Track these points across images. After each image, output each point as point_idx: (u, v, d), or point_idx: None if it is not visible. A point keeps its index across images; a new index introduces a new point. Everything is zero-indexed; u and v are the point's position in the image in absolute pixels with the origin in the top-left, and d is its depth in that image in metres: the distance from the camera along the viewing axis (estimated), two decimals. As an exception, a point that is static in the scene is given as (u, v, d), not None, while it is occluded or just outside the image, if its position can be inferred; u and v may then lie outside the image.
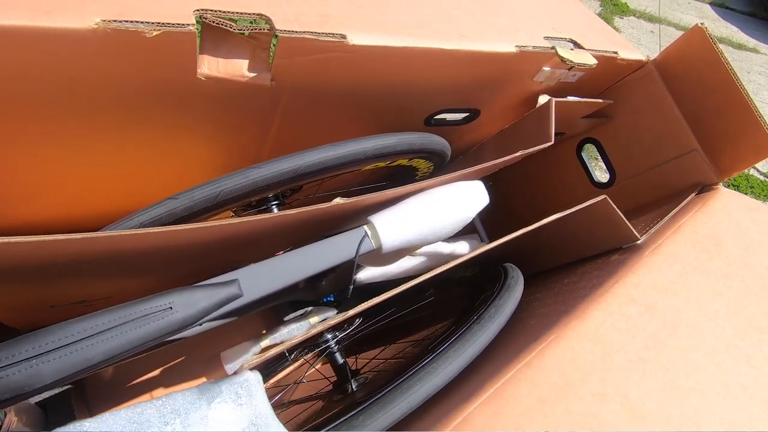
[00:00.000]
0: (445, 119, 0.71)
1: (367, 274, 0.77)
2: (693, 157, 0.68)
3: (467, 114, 0.72)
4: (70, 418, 0.74)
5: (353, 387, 0.67)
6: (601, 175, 0.84)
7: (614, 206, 0.55)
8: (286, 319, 0.78)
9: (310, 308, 0.78)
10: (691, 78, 0.64)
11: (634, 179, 0.77)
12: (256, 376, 0.38)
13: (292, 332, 0.68)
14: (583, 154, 0.84)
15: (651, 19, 3.28)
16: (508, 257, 0.65)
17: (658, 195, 0.73)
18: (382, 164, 0.55)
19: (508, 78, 0.63)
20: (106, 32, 0.35)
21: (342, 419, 0.38)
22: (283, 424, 0.37)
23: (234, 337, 0.85)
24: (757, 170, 1.94)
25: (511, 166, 0.69)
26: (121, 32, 0.35)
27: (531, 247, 0.67)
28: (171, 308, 0.37)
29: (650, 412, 0.36)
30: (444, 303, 0.74)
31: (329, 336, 0.69)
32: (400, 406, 0.38)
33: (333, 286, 0.78)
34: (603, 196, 0.56)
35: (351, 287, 0.49)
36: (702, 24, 0.59)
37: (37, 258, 0.33)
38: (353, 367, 0.72)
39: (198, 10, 0.39)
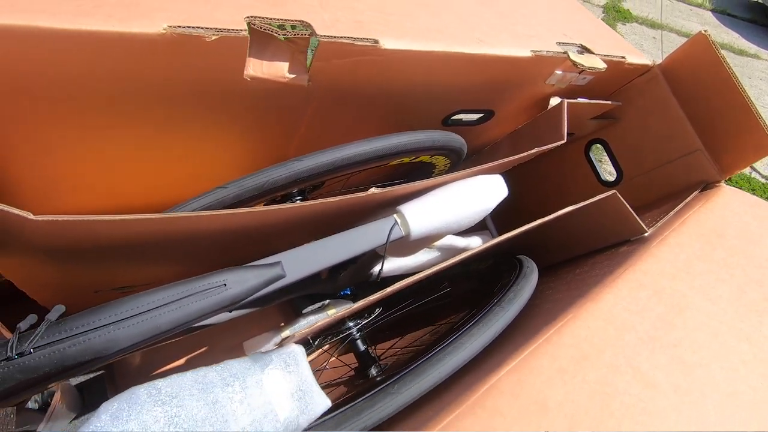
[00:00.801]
0: (461, 119, 0.75)
1: (384, 267, 0.81)
2: (697, 156, 0.72)
3: (482, 115, 0.76)
4: (103, 401, 0.78)
5: (375, 372, 0.70)
6: (608, 174, 0.87)
7: (623, 200, 0.59)
8: (304, 311, 0.82)
9: (328, 301, 0.82)
10: (695, 81, 0.68)
11: (640, 178, 0.81)
12: (300, 349, 0.42)
13: (311, 324, 0.72)
14: (591, 155, 0.88)
15: (653, 25, 3.33)
16: (522, 251, 0.68)
17: (663, 193, 0.77)
18: (406, 159, 0.59)
19: (523, 81, 0.67)
20: (173, 37, 0.39)
21: (379, 387, 0.41)
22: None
23: (253, 330, 0.89)
24: (759, 173, 1.98)
25: (522, 166, 0.73)
26: (185, 37, 0.39)
27: (543, 240, 0.71)
28: (225, 285, 0.40)
29: (660, 382, 0.40)
30: (460, 294, 0.77)
31: (351, 324, 0.73)
32: (432, 375, 0.41)
33: (350, 280, 0.82)
34: (613, 191, 0.59)
35: (380, 270, 0.52)
36: (705, 31, 0.63)
37: (111, 237, 0.37)
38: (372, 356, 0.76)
39: (248, 17, 0.44)
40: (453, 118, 0.74)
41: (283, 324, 0.89)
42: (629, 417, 0.37)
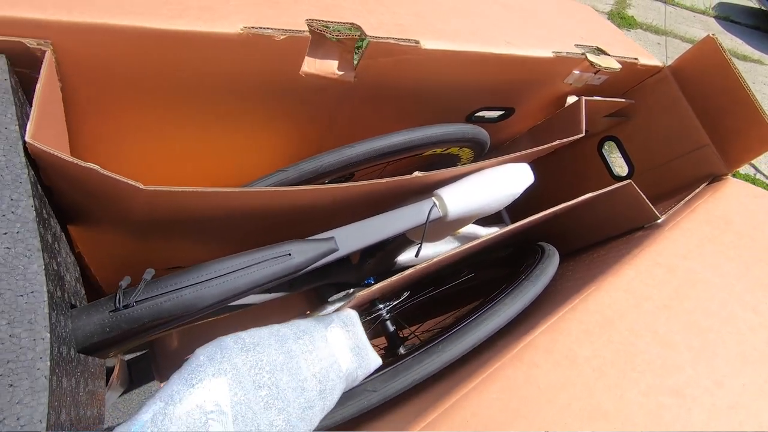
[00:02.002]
0: (483, 116, 0.81)
1: (407, 257, 0.86)
2: (705, 151, 0.77)
3: (503, 112, 0.82)
4: (149, 377, 0.83)
5: (403, 351, 0.75)
6: (620, 169, 0.93)
7: (638, 189, 0.64)
8: (330, 299, 0.87)
9: (352, 290, 0.87)
10: (703, 81, 0.73)
11: (651, 172, 0.86)
12: (355, 313, 0.47)
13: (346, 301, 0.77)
14: (603, 151, 0.93)
15: (657, 31, 3.39)
16: (541, 239, 0.73)
17: (673, 186, 0.82)
18: (439, 150, 0.65)
19: (543, 79, 0.73)
20: (248, 36, 0.45)
21: (425, 348, 0.46)
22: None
23: (280, 317, 0.94)
24: (763, 174, 2.02)
25: (538, 163, 0.78)
26: (258, 36, 0.45)
27: (561, 229, 0.76)
28: (290, 255, 0.46)
29: (676, 342, 0.45)
30: (484, 281, 0.82)
31: (381, 306, 0.78)
32: (472, 337, 0.46)
33: (374, 269, 0.87)
34: (628, 181, 0.65)
35: (421, 245, 0.57)
36: (713, 35, 0.69)
37: (198, 209, 0.43)
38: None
39: (308, 20, 0.49)
40: (476, 115, 0.79)
41: (308, 312, 0.94)
42: (650, 370, 0.42)
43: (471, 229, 0.86)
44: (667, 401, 0.40)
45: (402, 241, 0.72)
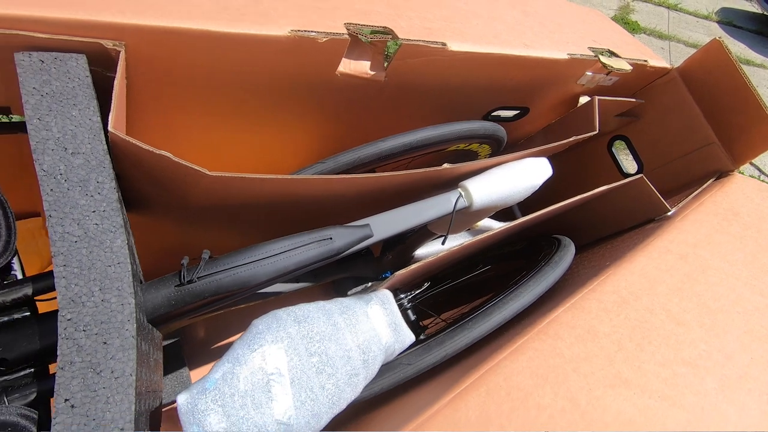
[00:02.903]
0: (499, 116, 0.85)
1: (424, 251, 0.90)
2: (712, 148, 0.81)
3: (518, 112, 0.86)
4: (181, 364, 0.87)
5: (423, 338, 0.79)
6: (630, 167, 0.96)
7: (649, 183, 0.68)
8: (349, 292, 0.91)
9: (370, 283, 0.91)
10: (710, 82, 0.77)
11: (660, 169, 0.90)
12: (390, 293, 0.51)
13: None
14: (613, 149, 0.97)
15: (661, 36, 3.43)
16: (555, 233, 0.77)
17: (682, 181, 0.85)
18: (462, 145, 0.69)
19: (558, 80, 0.77)
20: (294, 38, 0.49)
21: (457, 325, 0.50)
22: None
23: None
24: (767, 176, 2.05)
25: (551, 161, 0.82)
26: (304, 39, 0.49)
27: (575, 222, 0.80)
28: (331, 239, 0.50)
29: (688, 320, 0.49)
30: (500, 273, 0.86)
31: (402, 295, 0.82)
32: (498, 316, 0.50)
33: (392, 263, 0.91)
34: (640, 175, 0.69)
35: (447, 234, 0.61)
36: (720, 38, 0.73)
37: (251, 195, 0.47)
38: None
39: (346, 24, 0.54)
40: (493, 114, 0.83)
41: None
42: (665, 344, 0.46)
43: (486, 222, 0.90)
44: (682, 370, 0.43)
45: (421, 234, 0.76)
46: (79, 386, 0.31)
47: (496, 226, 0.91)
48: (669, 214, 0.70)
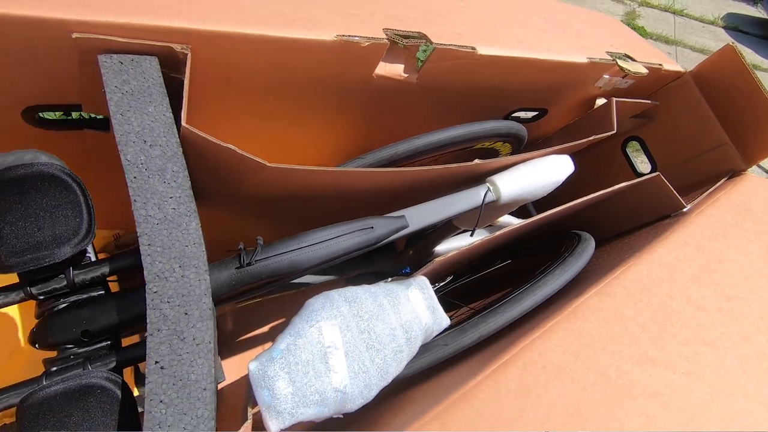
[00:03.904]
0: (519, 117, 0.89)
1: (444, 247, 0.93)
2: (724, 149, 0.84)
3: (537, 113, 0.90)
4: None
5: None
6: (643, 167, 1.00)
7: (665, 180, 0.71)
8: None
9: (390, 279, 0.94)
10: (723, 85, 0.80)
11: (673, 169, 0.93)
12: (426, 278, 0.55)
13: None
14: (627, 150, 1.01)
15: (668, 41, 3.47)
16: (572, 229, 0.81)
17: (694, 181, 0.89)
18: (487, 144, 0.72)
19: (577, 83, 0.80)
20: (340, 43, 0.53)
21: (490, 309, 0.54)
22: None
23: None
24: (775, 180, 2.08)
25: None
26: (348, 43, 0.53)
27: (592, 219, 0.83)
28: (372, 228, 0.53)
29: (707, 306, 0.52)
30: (518, 270, 0.89)
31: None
32: (528, 301, 0.54)
33: (412, 258, 0.95)
34: (657, 173, 0.72)
35: (476, 227, 0.64)
36: (733, 43, 0.76)
37: (302, 186, 0.51)
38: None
39: (384, 29, 0.58)
40: (513, 115, 0.87)
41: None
42: (687, 327, 0.49)
43: (506, 219, 0.93)
44: (703, 350, 0.46)
45: (443, 230, 0.80)
46: (166, 350, 0.35)
47: (515, 222, 0.95)
48: (684, 210, 0.73)
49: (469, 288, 0.92)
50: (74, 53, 0.44)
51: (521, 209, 0.80)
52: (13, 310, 0.81)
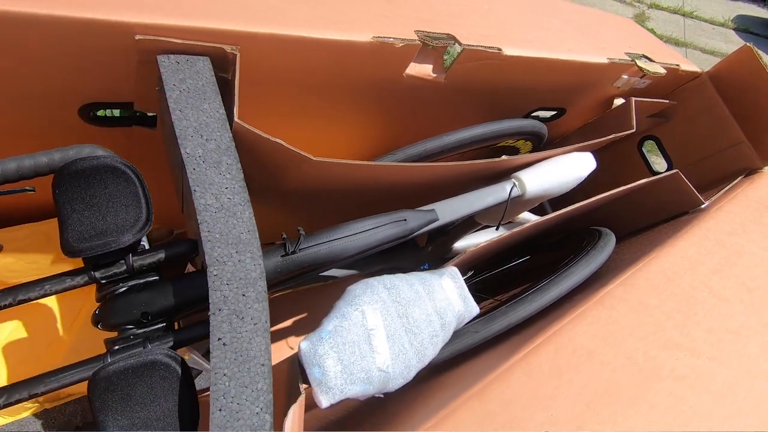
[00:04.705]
0: (538, 116, 0.91)
1: (463, 243, 0.96)
2: (741, 147, 0.86)
3: (555, 113, 0.92)
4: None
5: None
6: (658, 166, 1.01)
7: (683, 177, 0.73)
8: None
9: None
10: (740, 85, 0.82)
11: (690, 168, 0.94)
12: (457, 269, 0.57)
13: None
14: (643, 149, 1.03)
15: (677, 43, 3.47)
16: (591, 225, 0.83)
17: (711, 179, 0.90)
18: (510, 141, 0.75)
19: (596, 83, 0.83)
20: (375, 44, 0.56)
21: (518, 299, 0.56)
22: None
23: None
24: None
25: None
26: (383, 44, 0.56)
27: (610, 216, 0.85)
28: (405, 220, 0.56)
29: (729, 296, 0.54)
30: (539, 264, 0.91)
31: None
32: (554, 291, 0.56)
33: (431, 254, 0.97)
34: (675, 171, 0.74)
35: (501, 220, 0.67)
36: (750, 44, 0.78)
37: (342, 179, 0.53)
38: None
39: (416, 31, 0.60)
40: (532, 114, 0.89)
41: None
42: (710, 316, 0.51)
43: (525, 216, 0.96)
44: (726, 337, 0.48)
45: (464, 226, 0.82)
46: (227, 329, 0.38)
47: (533, 218, 0.97)
48: (703, 206, 0.75)
49: (487, 283, 0.94)
50: (133, 54, 0.47)
51: (536, 207, 0.82)
52: (51, 302, 0.84)
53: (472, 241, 0.95)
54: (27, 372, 0.43)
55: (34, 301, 0.44)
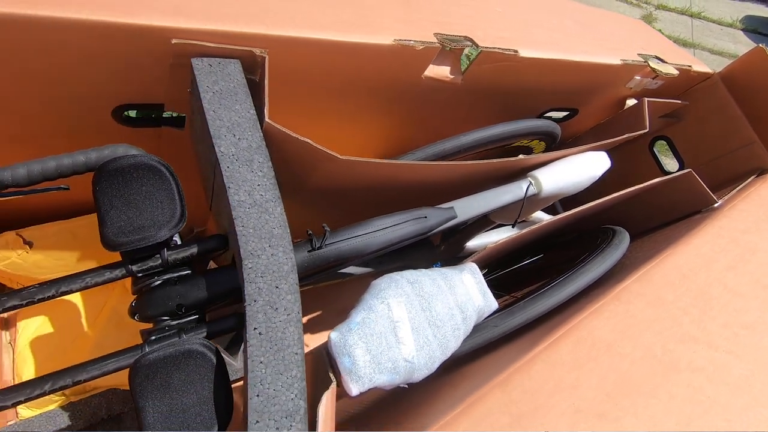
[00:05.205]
0: (551, 117, 0.92)
1: (476, 242, 0.97)
2: (753, 147, 0.87)
3: (567, 113, 0.93)
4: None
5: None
6: (670, 166, 1.02)
7: (697, 176, 0.74)
8: None
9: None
10: (753, 85, 0.83)
11: (701, 168, 0.95)
12: (476, 265, 0.59)
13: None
14: (654, 149, 1.03)
15: (685, 44, 3.46)
16: (604, 224, 0.84)
17: (723, 178, 0.91)
18: (525, 141, 0.76)
19: (609, 84, 0.84)
20: (397, 47, 0.57)
21: (536, 294, 0.57)
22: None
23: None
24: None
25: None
26: (404, 47, 0.58)
27: (623, 215, 0.86)
28: (426, 217, 0.58)
29: (744, 293, 0.55)
30: (553, 262, 0.92)
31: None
32: (572, 287, 0.57)
33: (443, 253, 0.99)
34: (688, 170, 0.75)
35: (516, 221, 0.68)
36: (762, 45, 0.79)
37: (365, 177, 0.55)
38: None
39: (435, 34, 0.62)
40: (546, 115, 0.91)
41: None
42: (725, 311, 0.52)
43: (537, 215, 0.97)
44: (742, 332, 0.50)
45: (477, 225, 0.83)
46: (262, 318, 0.40)
47: (546, 218, 0.98)
48: (716, 205, 0.76)
49: (500, 280, 0.95)
50: (167, 57, 0.49)
51: (547, 207, 0.83)
52: (76, 299, 0.87)
53: (484, 241, 0.97)
54: (54, 366, 0.44)
55: (59, 298, 0.46)
